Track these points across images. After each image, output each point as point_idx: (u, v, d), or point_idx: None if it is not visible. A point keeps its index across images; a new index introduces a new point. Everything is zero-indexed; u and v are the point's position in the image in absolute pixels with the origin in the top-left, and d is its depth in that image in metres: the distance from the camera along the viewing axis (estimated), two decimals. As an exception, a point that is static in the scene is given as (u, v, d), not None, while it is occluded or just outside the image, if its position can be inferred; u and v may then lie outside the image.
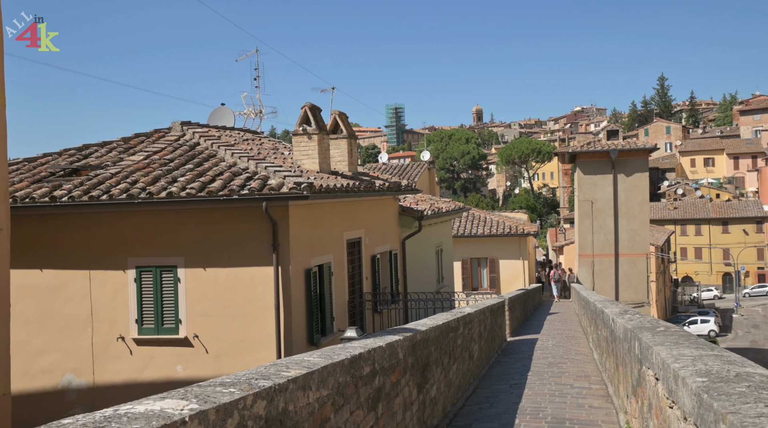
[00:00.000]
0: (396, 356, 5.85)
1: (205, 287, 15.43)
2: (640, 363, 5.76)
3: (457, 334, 9.35)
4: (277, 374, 3.76)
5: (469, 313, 10.65)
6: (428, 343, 7.21)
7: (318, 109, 17.92)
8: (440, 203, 26.57)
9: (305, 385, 3.87)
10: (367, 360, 5.00)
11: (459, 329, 9.49)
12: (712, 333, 61.96)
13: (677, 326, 26.85)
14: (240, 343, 15.28)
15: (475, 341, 11.24)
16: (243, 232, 15.30)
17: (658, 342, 5.08)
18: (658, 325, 6.54)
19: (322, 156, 17.80)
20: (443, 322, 8.20)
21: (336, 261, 17.63)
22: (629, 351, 6.64)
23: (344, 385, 4.54)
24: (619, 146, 40.71)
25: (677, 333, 5.73)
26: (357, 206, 19.27)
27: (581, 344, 16.60)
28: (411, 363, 6.43)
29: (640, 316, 8.28)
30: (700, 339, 5.35)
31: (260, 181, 14.99)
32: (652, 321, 7.18)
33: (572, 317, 26.70)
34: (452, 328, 8.87)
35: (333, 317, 17.29)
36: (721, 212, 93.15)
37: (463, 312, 10.24)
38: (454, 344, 9.05)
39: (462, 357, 9.77)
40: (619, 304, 11.99)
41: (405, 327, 6.99)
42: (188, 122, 20.13)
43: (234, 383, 3.41)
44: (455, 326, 9.11)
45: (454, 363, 8.99)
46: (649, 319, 7.54)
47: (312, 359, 4.40)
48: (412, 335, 6.41)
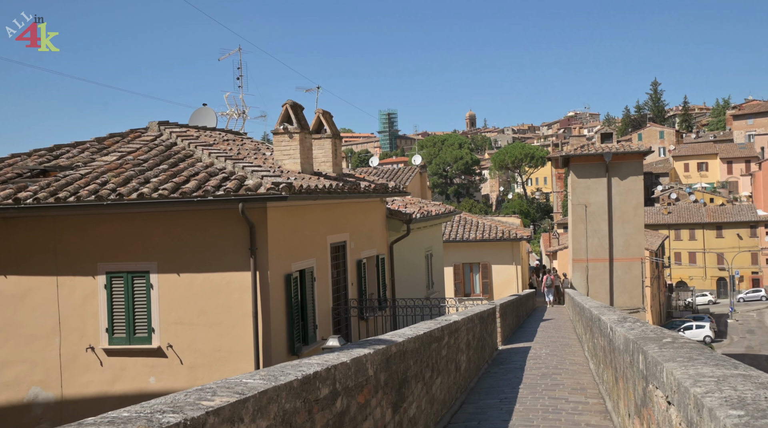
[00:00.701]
0: (364, 372, 5.06)
1: (179, 293, 14.62)
2: (645, 381, 4.98)
3: (442, 344, 8.56)
4: (196, 404, 2.96)
5: (456, 321, 9.86)
6: (406, 356, 6.42)
7: (300, 107, 17.14)
8: (430, 207, 25.78)
9: (234, 417, 3.07)
10: (326, 380, 4.19)
11: (444, 339, 8.69)
12: (708, 338, 61.30)
13: (674, 331, 26.04)
14: (216, 353, 14.46)
15: (462, 351, 10.45)
16: (219, 235, 14.50)
17: (667, 356, 4.29)
18: (664, 335, 5.77)
19: (304, 156, 16.99)
20: (425, 332, 7.41)
21: (319, 266, 16.83)
22: (632, 365, 5.85)
23: (293, 413, 3.72)
24: (614, 149, 40.07)
25: (688, 345, 4.95)
26: (342, 208, 18.48)
27: (576, 352, 15.83)
28: (384, 379, 5.64)
29: (642, 324, 7.50)
30: (716, 352, 4.57)
31: (237, 181, 14.20)
32: (656, 330, 6.40)
33: (566, 323, 25.94)
34: (436, 338, 8.08)
35: (316, 325, 16.48)
36: (715, 216, 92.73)
37: (449, 320, 9.44)
38: (437, 355, 8.26)
39: (447, 369, 8.97)
40: (616, 311, 11.21)
41: (379, 339, 6.19)
42: (166, 121, 19.32)
43: (129, 419, 2.62)
44: (439, 335, 8.31)
45: (438, 377, 8.20)
46: (652, 328, 6.76)
47: (252, 381, 3.59)
48: (385, 347, 5.62)
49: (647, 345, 5.08)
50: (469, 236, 40.08)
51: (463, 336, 10.60)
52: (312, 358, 4.60)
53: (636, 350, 5.44)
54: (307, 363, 4.29)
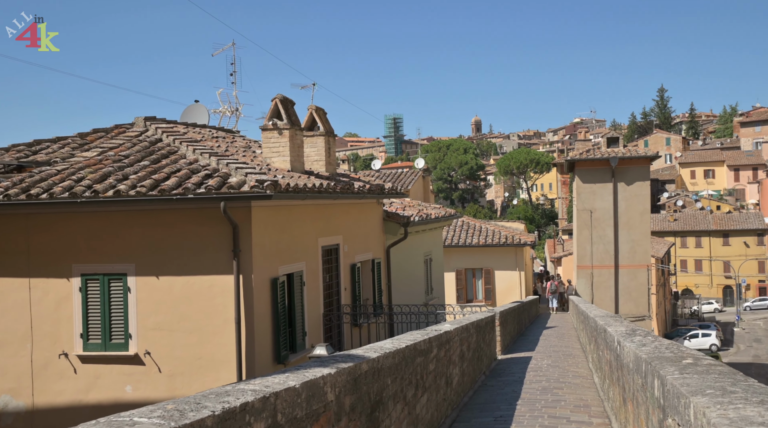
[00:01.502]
0: (321, 398, 4.18)
1: (157, 297, 13.75)
2: (662, 412, 4.10)
3: (429, 358, 7.68)
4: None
5: (447, 331, 8.97)
6: (382, 374, 5.55)
7: (291, 102, 16.28)
8: (429, 209, 24.88)
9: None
10: (261, 412, 3.31)
11: (431, 351, 7.81)
12: (714, 347, 60.29)
13: (680, 339, 25.00)
14: (197, 361, 13.59)
15: (455, 364, 9.56)
16: (200, 236, 13.64)
17: (693, 386, 3.40)
18: (682, 354, 4.88)
19: (294, 154, 16.12)
20: (407, 344, 6.53)
21: (309, 270, 15.95)
22: (644, 389, 4.96)
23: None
24: (620, 154, 39.24)
25: (715, 369, 4.06)
26: (334, 209, 17.60)
27: (580, 363, 14.93)
28: (350, 403, 4.76)
29: (653, 339, 6.61)
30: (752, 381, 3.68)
31: (219, 179, 13.34)
32: (672, 346, 5.50)
33: (570, 331, 25.03)
34: (421, 351, 7.20)
35: (305, 332, 15.61)
36: (721, 224, 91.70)
37: (439, 331, 8.56)
38: (424, 370, 7.38)
39: (436, 385, 8.09)
40: (623, 321, 10.31)
41: (349, 354, 5.32)
42: (152, 117, 18.46)
43: None
44: (426, 348, 7.43)
45: (423, 394, 7.31)
46: (667, 344, 5.87)
47: (145, 422, 2.72)
48: (352, 366, 4.74)
49: (664, 368, 4.20)
50: (471, 241, 39.23)
51: (456, 347, 9.71)
52: (251, 382, 3.72)
53: (650, 372, 4.55)
54: (239, 390, 3.41)
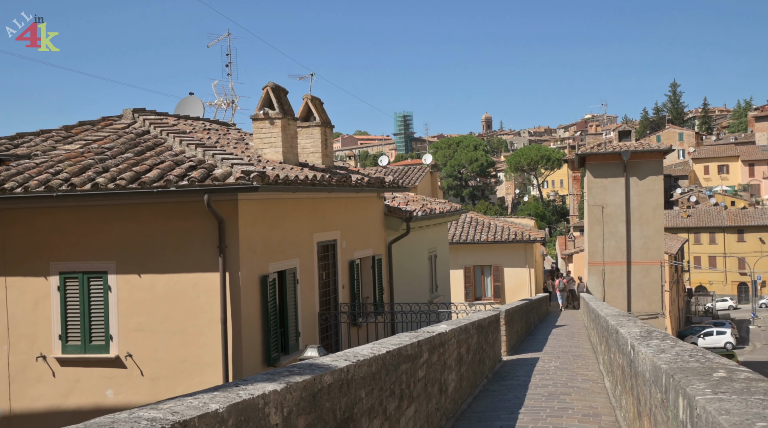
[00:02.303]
0: (259, 422, 3.33)
1: (139, 296, 12.94)
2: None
3: (418, 364, 6.82)
4: None
5: (442, 333, 8.10)
6: (352, 386, 4.70)
7: (283, 90, 15.43)
8: (434, 204, 23.99)
9: None
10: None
11: (421, 356, 6.95)
12: (729, 345, 59.16)
13: (695, 337, 23.94)
14: (181, 364, 12.78)
15: (451, 368, 8.70)
16: (184, 231, 12.83)
17: (736, 415, 2.54)
18: (711, 364, 4.00)
19: (287, 145, 15.27)
20: (390, 350, 5.67)
21: (303, 267, 15.11)
22: (664, 407, 4.08)
23: None
24: (632, 147, 38.27)
25: (760, 387, 3.18)
26: (331, 203, 16.75)
27: (590, 365, 14.04)
28: (306, 426, 3.91)
29: (673, 343, 5.73)
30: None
31: (204, 170, 12.51)
32: (697, 353, 4.62)
33: (580, 330, 24.12)
34: (407, 357, 6.34)
35: (299, 332, 14.77)
36: (736, 220, 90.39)
37: (432, 332, 7.69)
38: (411, 378, 6.52)
39: (426, 393, 7.22)
40: (636, 320, 9.43)
41: (311, 365, 4.46)
42: (142, 109, 17.66)
43: None
44: (413, 353, 6.57)
45: (410, 405, 6.45)
46: (690, 350, 4.99)
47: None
48: (308, 379, 3.90)
49: (691, 383, 3.33)
50: (480, 237, 38.36)
51: (453, 350, 8.85)
52: (160, 406, 2.88)
53: (673, 387, 3.68)
54: (133, 419, 2.58)
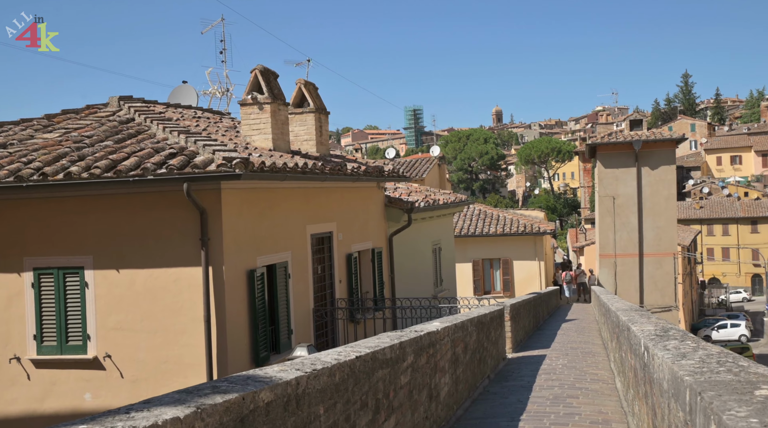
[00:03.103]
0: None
1: (118, 293, 12.15)
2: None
3: (399, 368, 5.96)
4: None
5: (433, 332, 7.24)
6: (305, 402, 3.83)
7: (273, 73, 14.59)
8: (438, 195, 23.11)
9: None
10: None
11: (404, 359, 6.10)
12: (743, 338, 58.10)
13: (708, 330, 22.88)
14: (162, 365, 11.98)
15: (444, 371, 7.85)
16: (165, 223, 12.03)
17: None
18: (751, 377, 3.14)
19: (277, 131, 14.43)
20: (360, 354, 4.82)
21: (295, 261, 14.29)
22: None
23: None
24: (643, 137, 37.31)
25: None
26: (327, 194, 15.90)
27: (600, 363, 13.17)
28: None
29: (695, 344, 4.87)
30: None
31: (184, 158, 11.70)
32: (728, 361, 3.74)
33: (591, 324, 23.22)
34: (385, 362, 5.49)
35: (291, 329, 13.96)
36: (749, 211, 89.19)
37: (419, 332, 6.82)
38: (390, 385, 5.66)
39: (411, 402, 6.35)
40: (650, 316, 8.56)
41: (249, 376, 3.61)
42: (129, 96, 16.87)
43: None
44: (393, 357, 5.71)
45: (389, 417, 5.56)
46: (718, 353, 4.13)
47: None
48: (233, 399, 3.04)
49: (728, 407, 2.48)
50: (488, 230, 37.49)
51: (446, 350, 8.00)
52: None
53: (702, 410, 2.82)
54: None
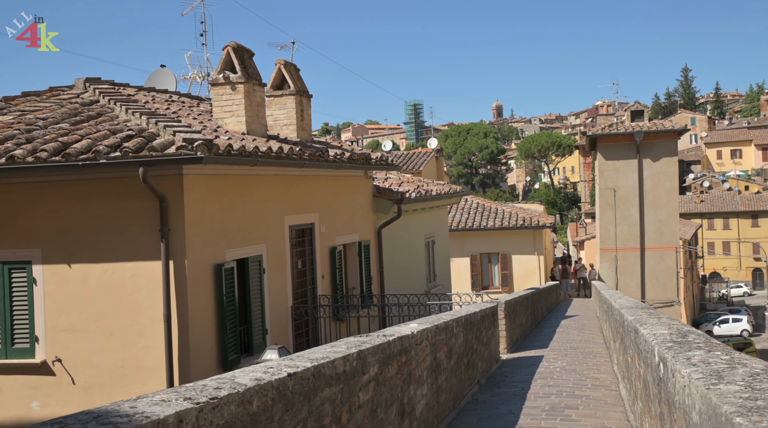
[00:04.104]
0: None
1: (70, 290, 11.01)
2: None
3: (358, 384, 4.78)
4: None
5: (405, 336, 6.07)
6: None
7: (248, 51, 13.44)
8: (430, 185, 21.97)
9: None
10: None
11: (365, 372, 4.93)
12: (745, 332, 57.08)
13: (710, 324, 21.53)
14: (119, 369, 10.85)
15: (420, 381, 6.69)
16: (121, 213, 10.88)
17: None
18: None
19: (251, 113, 13.27)
20: (295, 371, 3.68)
21: (271, 254, 13.15)
22: None
23: None
24: (645, 128, 36.19)
25: None
26: (308, 182, 14.76)
27: (602, 365, 12.05)
28: None
29: (727, 356, 3.77)
30: None
31: (141, 140, 10.55)
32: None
33: (591, 321, 22.11)
34: (336, 377, 4.32)
35: (266, 329, 12.83)
36: (750, 204, 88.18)
37: (388, 337, 5.65)
38: (344, 406, 4.48)
39: (375, 423, 5.09)
40: (659, 315, 7.45)
41: (113, 412, 2.56)
42: (96, 78, 15.74)
43: None
44: (348, 370, 4.53)
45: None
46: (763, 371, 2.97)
47: None
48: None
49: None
50: (487, 223, 36.42)
51: (425, 356, 6.86)
52: None
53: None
54: None
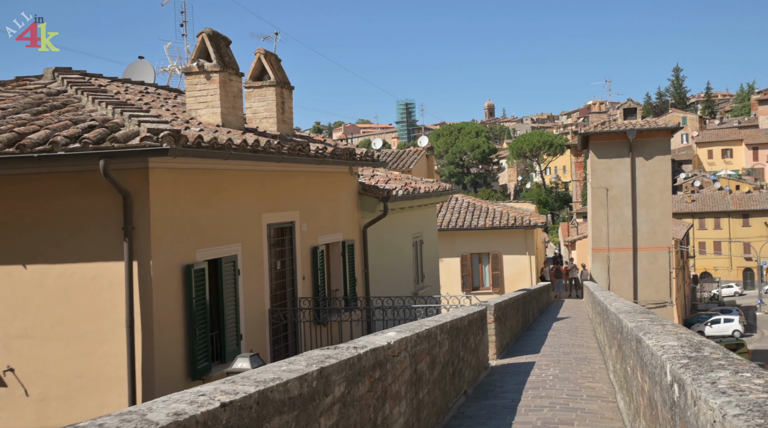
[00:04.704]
0: None
1: (25, 293, 10.21)
2: None
3: (317, 408, 3.84)
4: None
5: (380, 348, 5.29)
6: None
7: (224, 39, 12.66)
8: (419, 183, 21.22)
9: None
10: None
11: (327, 394, 4.07)
12: (737, 333, 56.59)
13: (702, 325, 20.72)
14: (77, 380, 10.05)
15: (397, 398, 5.85)
16: (81, 209, 10.10)
17: None
18: None
19: (227, 104, 12.49)
20: (230, 400, 2.94)
21: (247, 254, 12.38)
22: None
23: None
24: (638, 126, 35.61)
25: None
26: (288, 179, 13.98)
27: (597, 372, 11.33)
28: None
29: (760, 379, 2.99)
30: None
31: (104, 130, 9.77)
32: None
33: (584, 323, 21.41)
34: (287, 403, 3.45)
35: (241, 334, 12.05)
36: (741, 204, 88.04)
37: (357, 351, 4.84)
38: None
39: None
40: (663, 321, 6.72)
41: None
42: (67, 68, 14.94)
43: None
44: (304, 393, 3.71)
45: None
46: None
47: None
48: None
49: None
50: (477, 223, 35.77)
51: (403, 369, 6.11)
52: None
53: None
54: None
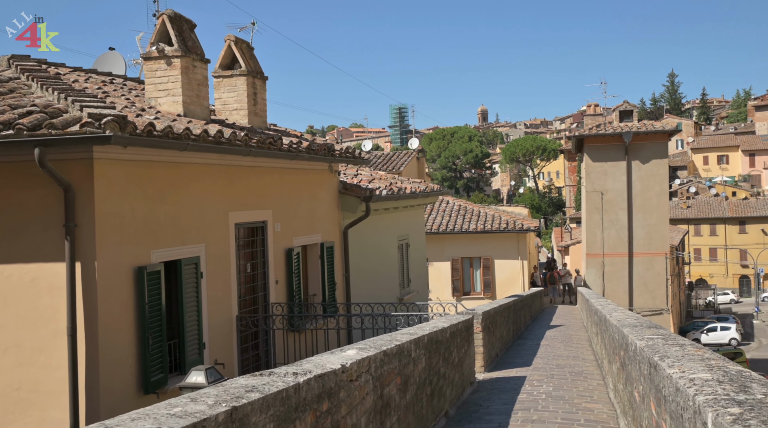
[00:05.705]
0: None
1: (-43, 297, 9.16)
2: None
3: None
4: None
5: (331, 372, 4.27)
6: None
7: (188, 22, 11.59)
8: (404, 183, 20.16)
9: None
10: None
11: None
12: (734, 341, 55.60)
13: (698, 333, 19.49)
14: (14, 392, 8.98)
15: None
16: (18, 204, 9.04)
17: None
18: None
19: (190, 93, 11.41)
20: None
21: (212, 256, 11.31)
22: None
23: None
24: (634, 128, 34.71)
25: None
26: (260, 175, 12.91)
27: (595, 390, 10.29)
28: None
29: None
30: None
31: (42, 116, 8.71)
32: None
33: (579, 332, 20.41)
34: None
35: (203, 343, 10.97)
36: (737, 211, 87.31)
37: (296, 378, 3.80)
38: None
39: None
40: (680, 341, 5.73)
41: None
42: (26, 56, 13.89)
43: None
44: None
45: None
46: None
47: None
48: None
49: None
50: (468, 226, 34.82)
51: (363, 395, 5.03)
52: None
53: None
54: None
